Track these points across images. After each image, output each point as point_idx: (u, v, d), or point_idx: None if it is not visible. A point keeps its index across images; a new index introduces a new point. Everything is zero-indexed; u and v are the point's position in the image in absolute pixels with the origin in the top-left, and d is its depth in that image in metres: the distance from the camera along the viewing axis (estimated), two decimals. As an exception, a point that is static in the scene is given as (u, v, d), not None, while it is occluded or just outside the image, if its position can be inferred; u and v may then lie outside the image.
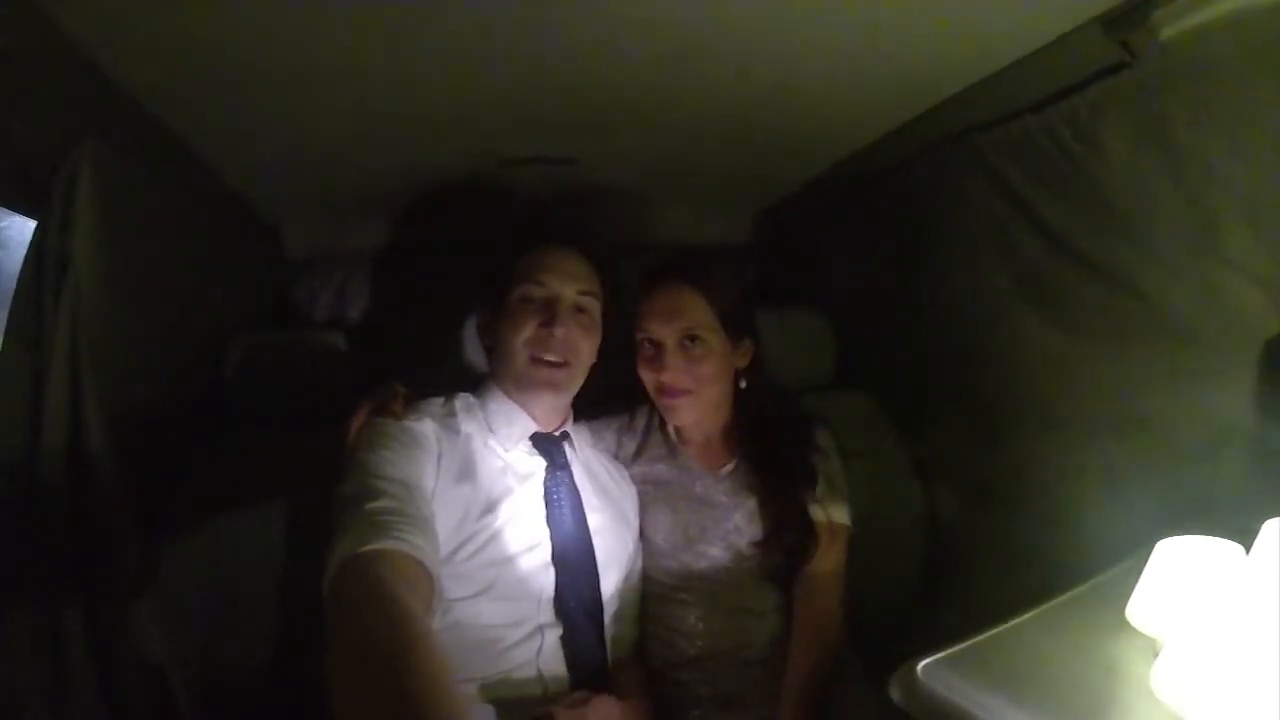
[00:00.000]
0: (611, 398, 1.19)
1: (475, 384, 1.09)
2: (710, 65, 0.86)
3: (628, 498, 1.12)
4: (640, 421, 1.20)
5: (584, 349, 1.02)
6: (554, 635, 0.95)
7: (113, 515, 0.85)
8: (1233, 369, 0.79)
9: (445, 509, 0.90)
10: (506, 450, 1.01)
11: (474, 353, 1.42)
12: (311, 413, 1.20)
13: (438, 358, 1.44)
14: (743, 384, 1.12)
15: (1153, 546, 0.67)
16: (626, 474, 1.16)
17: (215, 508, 1.08)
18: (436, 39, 0.77)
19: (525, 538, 0.96)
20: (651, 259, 1.13)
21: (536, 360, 0.99)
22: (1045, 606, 0.72)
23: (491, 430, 1.01)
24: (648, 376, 1.09)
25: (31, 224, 0.86)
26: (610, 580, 1.02)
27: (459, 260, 1.38)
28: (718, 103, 0.98)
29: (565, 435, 1.07)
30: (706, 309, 1.05)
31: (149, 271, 1.01)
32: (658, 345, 1.07)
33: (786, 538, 1.05)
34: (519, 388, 1.01)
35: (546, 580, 0.96)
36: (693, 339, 1.05)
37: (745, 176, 1.38)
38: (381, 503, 0.80)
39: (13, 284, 0.84)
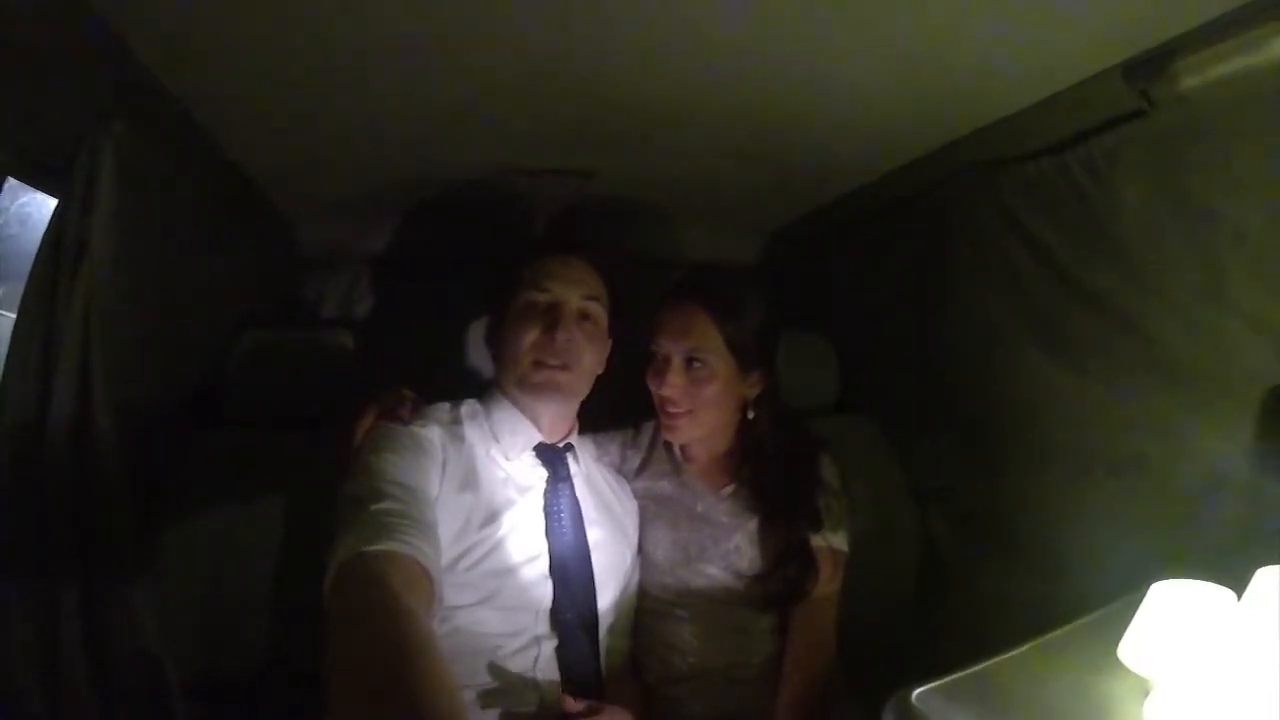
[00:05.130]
0: (622, 412, 1.20)
1: (480, 390, 1.09)
2: (733, 87, 0.87)
3: (628, 513, 1.13)
4: (645, 437, 1.20)
5: (587, 355, 1.02)
6: (550, 646, 0.95)
7: (115, 499, 0.85)
8: (1232, 415, 0.80)
9: (447, 516, 0.90)
10: (509, 460, 1.01)
11: (479, 359, 1.43)
12: (316, 411, 1.20)
13: (443, 363, 1.44)
14: (750, 414, 1.12)
15: (1146, 587, 0.68)
16: (629, 488, 1.16)
17: (216, 500, 1.08)
18: (461, 46, 0.78)
19: (525, 549, 0.96)
20: (675, 275, 1.13)
21: (539, 364, 0.99)
22: (1040, 641, 0.73)
23: (496, 439, 1.02)
24: (652, 389, 1.10)
25: (52, 202, 0.86)
26: (607, 594, 1.02)
27: (468, 266, 1.38)
28: (738, 125, 1.00)
29: (569, 447, 1.07)
30: (715, 334, 1.05)
31: (163, 258, 1.02)
32: (664, 360, 1.08)
33: (788, 571, 1.04)
34: (522, 391, 1.02)
35: (544, 592, 0.96)
36: (698, 360, 1.05)
37: (759, 198, 1.39)
38: (385, 505, 0.81)
39: (29, 261, 0.85)
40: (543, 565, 0.97)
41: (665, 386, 1.06)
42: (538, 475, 1.02)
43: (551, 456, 1.04)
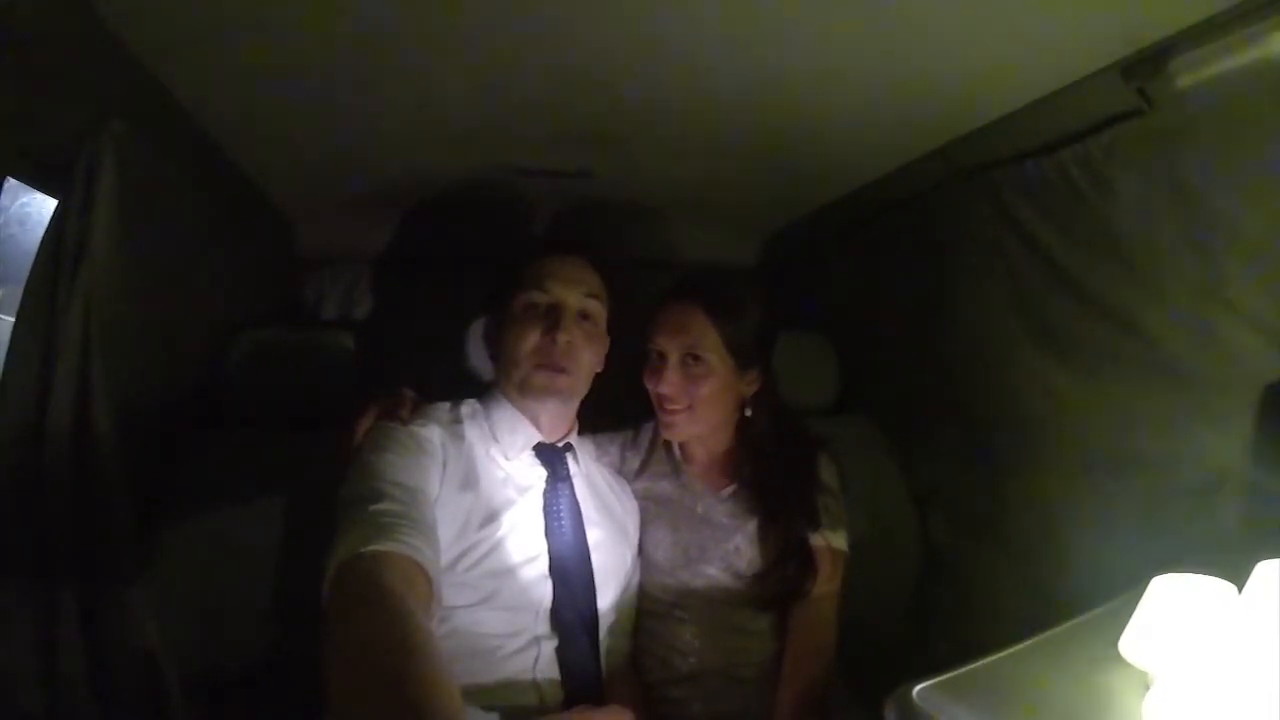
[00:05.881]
0: (622, 412, 1.20)
1: (480, 390, 1.09)
2: (731, 89, 0.88)
3: (628, 513, 1.13)
4: (645, 437, 1.20)
5: (586, 356, 1.02)
6: (550, 647, 0.95)
7: (114, 500, 0.85)
8: (1231, 412, 0.80)
9: (447, 516, 0.90)
10: (509, 459, 1.01)
11: (479, 359, 1.43)
12: (316, 411, 1.20)
13: (443, 363, 1.44)
14: (747, 412, 1.12)
15: (1147, 583, 0.68)
16: (629, 489, 1.16)
17: (215, 500, 1.08)
18: (460, 48, 0.78)
19: (525, 549, 0.96)
20: (674, 276, 1.13)
21: (540, 367, 0.99)
22: (1041, 637, 0.73)
23: (495, 439, 1.01)
24: (649, 386, 1.10)
25: (52, 203, 0.86)
26: (607, 595, 1.02)
27: (468, 266, 1.38)
28: (736, 126, 1.00)
29: (569, 447, 1.07)
30: (713, 332, 1.06)
31: (163, 258, 1.02)
32: (661, 358, 1.08)
33: (787, 571, 1.05)
34: (523, 395, 1.02)
35: (544, 592, 0.96)
36: (695, 358, 1.06)
37: (758, 200, 1.40)
38: (385, 505, 0.81)
39: (29, 262, 0.84)
40: (542, 565, 0.97)
41: (663, 384, 1.07)
42: (537, 475, 1.02)
43: (551, 456, 1.04)
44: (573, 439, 1.08)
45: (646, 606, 1.11)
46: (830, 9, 0.69)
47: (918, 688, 0.65)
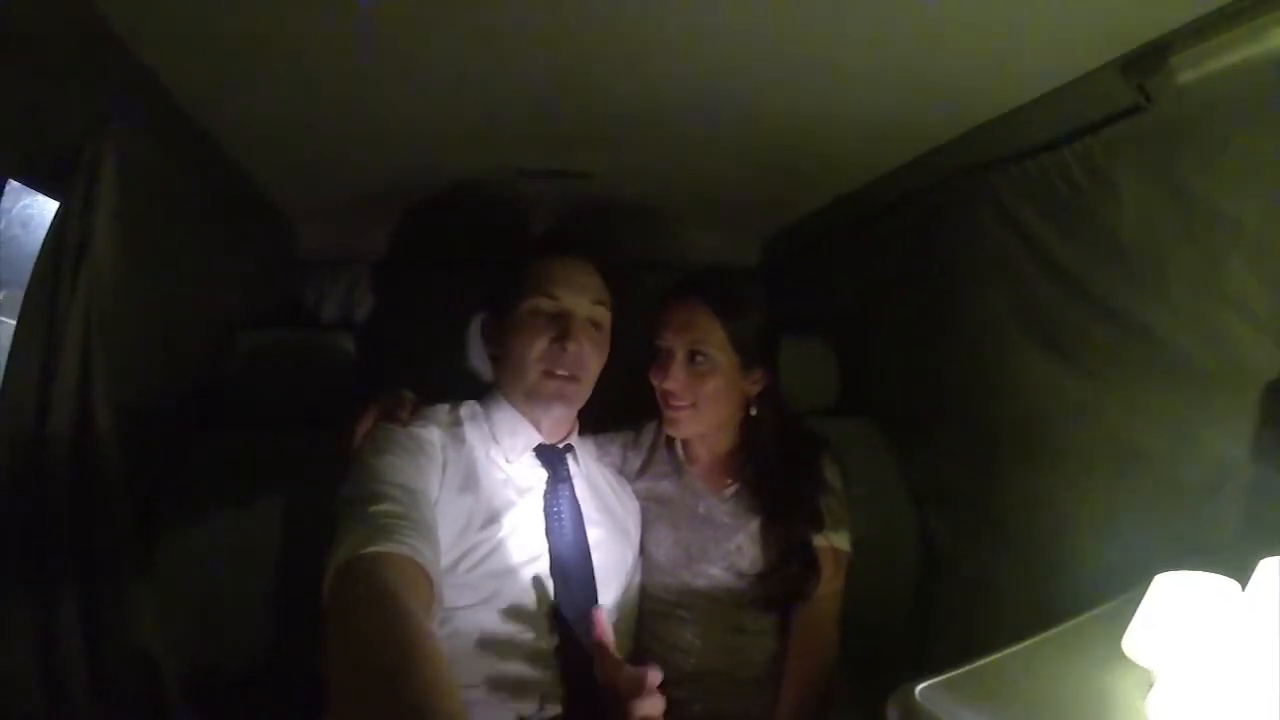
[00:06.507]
0: (623, 412, 1.20)
1: (479, 391, 1.09)
2: (731, 90, 0.88)
3: (629, 513, 1.12)
4: (646, 438, 1.21)
5: (594, 363, 1.03)
6: (551, 646, 0.94)
7: (114, 500, 0.85)
8: (1233, 409, 0.80)
9: (448, 518, 0.90)
10: (509, 461, 1.01)
11: (479, 359, 1.43)
12: (316, 411, 1.20)
13: (443, 363, 1.45)
14: (752, 411, 1.12)
15: (1150, 581, 0.68)
16: (630, 489, 1.16)
17: (216, 500, 1.08)
18: (461, 49, 0.78)
19: (525, 550, 0.96)
20: (675, 276, 1.14)
21: (549, 375, 0.99)
22: (1044, 635, 0.72)
23: (495, 440, 1.01)
24: (655, 383, 1.10)
25: (54, 205, 0.86)
26: (608, 594, 1.02)
27: (468, 267, 1.38)
28: (736, 127, 1.00)
29: (569, 448, 1.07)
30: (718, 329, 1.06)
31: (164, 259, 1.02)
32: (667, 354, 1.08)
33: (789, 571, 1.05)
34: (528, 400, 1.01)
35: (545, 593, 0.95)
36: (700, 354, 1.06)
37: (759, 200, 1.40)
38: (385, 506, 0.80)
39: (31, 264, 0.84)
40: (543, 565, 0.96)
41: (668, 380, 1.07)
42: (537, 476, 1.02)
43: (551, 457, 1.04)
44: (573, 440, 1.08)
45: (648, 606, 1.11)
46: (829, 8, 0.69)
47: (920, 687, 0.65)
